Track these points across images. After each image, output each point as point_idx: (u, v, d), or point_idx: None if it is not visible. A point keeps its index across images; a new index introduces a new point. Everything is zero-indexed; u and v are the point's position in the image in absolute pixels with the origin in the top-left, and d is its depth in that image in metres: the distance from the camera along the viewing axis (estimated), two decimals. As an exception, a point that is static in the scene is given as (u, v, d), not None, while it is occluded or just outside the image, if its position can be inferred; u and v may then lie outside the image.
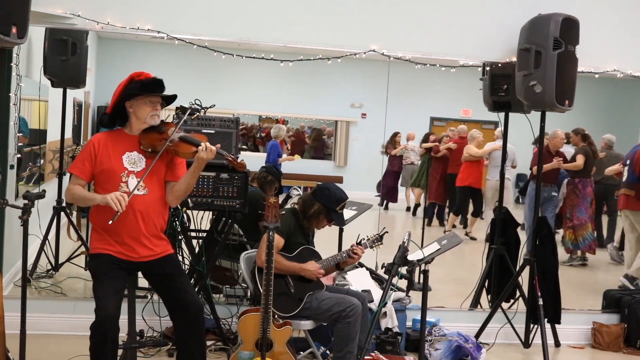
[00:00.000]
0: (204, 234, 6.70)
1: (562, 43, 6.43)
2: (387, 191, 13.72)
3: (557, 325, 7.12)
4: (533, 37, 6.54)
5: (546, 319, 6.83)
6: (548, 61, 6.41)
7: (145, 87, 4.74)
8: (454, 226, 12.57)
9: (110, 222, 4.49)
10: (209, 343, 6.06)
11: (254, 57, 7.30)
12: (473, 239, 11.88)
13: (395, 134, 13.79)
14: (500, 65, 7.16)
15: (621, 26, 7.36)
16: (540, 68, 6.44)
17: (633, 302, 7.38)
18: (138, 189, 4.67)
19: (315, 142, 16.05)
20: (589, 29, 6.77)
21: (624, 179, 9.07)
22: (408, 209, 14.12)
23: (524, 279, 6.94)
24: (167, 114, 5.63)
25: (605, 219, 11.85)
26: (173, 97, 4.88)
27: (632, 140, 10.77)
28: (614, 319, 7.48)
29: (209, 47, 6.80)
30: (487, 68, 7.32)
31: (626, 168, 9.07)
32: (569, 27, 6.50)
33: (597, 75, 7.38)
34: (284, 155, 11.80)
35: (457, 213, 12.68)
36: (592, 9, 7.15)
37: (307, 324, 5.62)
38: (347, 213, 6.86)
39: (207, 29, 6.62)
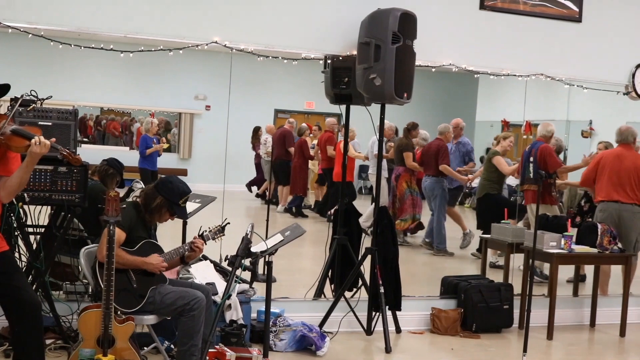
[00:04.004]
0: (42, 230, 6.49)
1: (400, 37, 6.60)
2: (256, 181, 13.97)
3: (397, 312, 7.32)
4: (373, 31, 6.67)
5: (387, 306, 7.03)
6: (387, 55, 6.56)
7: None
8: None
9: None
10: (48, 342, 5.88)
11: (92, 48, 7.11)
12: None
13: (257, 129, 13.88)
14: (341, 58, 7.26)
15: (456, 22, 7.63)
16: (379, 61, 6.59)
17: (469, 288, 7.68)
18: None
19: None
20: (426, 24, 6.99)
21: (531, 175, 9.15)
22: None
23: (366, 268, 7.11)
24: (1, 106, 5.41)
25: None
26: (4, 88, 4.68)
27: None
28: (451, 304, 7.76)
29: (45, 36, 6.58)
30: (329, 61, 7.41)
31: (531, 165, 9.24)
32: (407, 22, 6.68)
33: (433, 69, 7.63)
34: (154, 146, 11.65)
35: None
36: (428, 4, 7.38)
37: (151, 319, 5.54)
38: (191, 206, 6.81)
39: (42, 17, 6.40)
